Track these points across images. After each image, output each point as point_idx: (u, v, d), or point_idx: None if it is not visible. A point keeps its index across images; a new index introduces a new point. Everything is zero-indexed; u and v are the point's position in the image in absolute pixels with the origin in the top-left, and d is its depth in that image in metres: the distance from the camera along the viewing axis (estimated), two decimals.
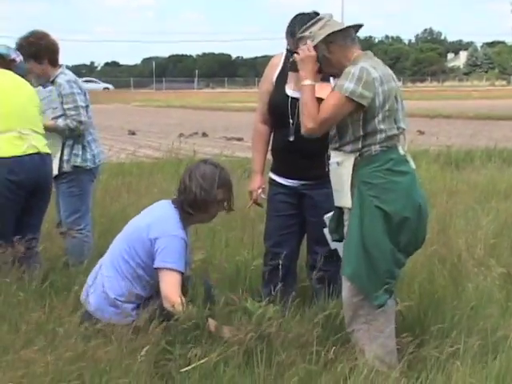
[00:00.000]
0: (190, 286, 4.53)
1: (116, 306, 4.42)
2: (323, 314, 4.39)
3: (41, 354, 3.73)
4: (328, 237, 4.58)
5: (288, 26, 5.00)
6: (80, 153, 6.30)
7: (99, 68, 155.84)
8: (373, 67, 4.09)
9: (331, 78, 4.71)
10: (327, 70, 4.29)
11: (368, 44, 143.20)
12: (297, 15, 5.01)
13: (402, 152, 4.16)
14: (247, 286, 5.19)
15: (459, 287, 5.14)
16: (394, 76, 4.24)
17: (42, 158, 5.56)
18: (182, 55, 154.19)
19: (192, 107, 45.80)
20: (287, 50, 5.04)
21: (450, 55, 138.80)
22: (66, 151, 6.28)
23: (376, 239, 4.04)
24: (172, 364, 4.00)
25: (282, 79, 5.11)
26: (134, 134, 24.20)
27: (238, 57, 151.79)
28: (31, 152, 5.45)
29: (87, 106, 6.37)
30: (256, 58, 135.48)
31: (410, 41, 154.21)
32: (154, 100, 58.38)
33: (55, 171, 6.16)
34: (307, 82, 4.20)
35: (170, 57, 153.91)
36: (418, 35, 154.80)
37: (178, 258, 4.41)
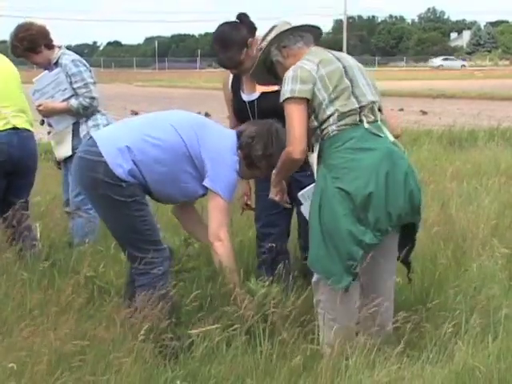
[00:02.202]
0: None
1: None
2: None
3: (44, 333, 3.75)
4: (306, 213, 4.58)
5: None
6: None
7: (102, 48, 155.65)
8: (307, 60, 4.14)
9: None
10: (283, 74, 4.27)
11: (371, 24, 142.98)
12: (215, 31, 4.95)
13: (366, 126, 4.08)
14: (250, 266, 5.20)
15: (462, 267, 5.15)
16: (344, 56, 4.27)
17: (20, 135, 5.65)
18: (185, 35, 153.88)
19: (194, 87, 45.69)
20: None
21: (453, 35, 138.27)
22: (82, 128, 6.30)
23: (334, 222, 3.96)
24: (175, 344, 4.02)
25: (236, 85, 5.10)
26: (136, 113, 24.11)
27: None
28: (7, 128, 5.55)
29: (94, 83, 6.38)
30: None
31: (413, 20, 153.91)
32: (157, 80, 58.25)
33: (68, 152, 6.25)
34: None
35: (172, 36, 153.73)
36: (421, 15, 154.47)
37: (232, 193, 4.50)
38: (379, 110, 4.19)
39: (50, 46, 6.30)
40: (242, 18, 4.88)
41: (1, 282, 4.59)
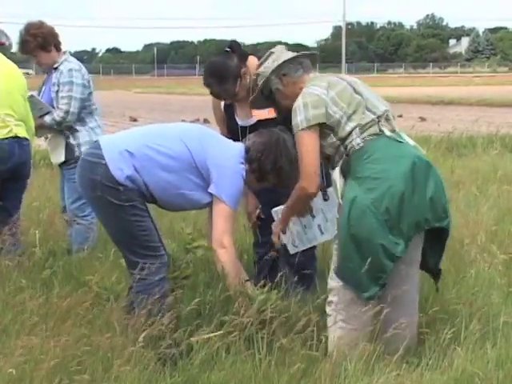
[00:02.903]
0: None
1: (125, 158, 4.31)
2: (323, 297, 4.37)
3: (43, 340, 3.75)
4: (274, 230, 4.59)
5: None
6: (87, 139, 6.24)
7: (100, 54, 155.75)
8: (313, 85, 4.19)
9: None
10: (283, 102, 4.35)
11: (370, 30, 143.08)
12: (208, 64, 5.01)
13: (388, 134, 4.10)
14: (250, 272, 5.19)
15: (461, 273, 5.14)
16: (346, 77, 4.34)
17: (20, 144, 5.68)
18: (184, 41, 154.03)
19: (193, 94, 45.67)
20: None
21: (452, 41, 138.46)
22: (71, 140, 6.28)
23: (366, 235, 3.95)
24: (174, 350, 4.02)
25: (230, 107, 5.14)
26: (135, 120, 24.17)
27: (240, 43, 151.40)
28: (9, 136, 5.58)
29: (90, 93, 6.36)
30: (257, 44, 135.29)
31: (411, 27, 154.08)
32: (156, 87, 58.31)
33: (62, 158, 6.26)
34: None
35: (171, 43, 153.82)
36: (420, 21, 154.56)
37: (238, 201, 4.46)
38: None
39: (58, 47, 6.32)
40: (234, 46, 4.93)
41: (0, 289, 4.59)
